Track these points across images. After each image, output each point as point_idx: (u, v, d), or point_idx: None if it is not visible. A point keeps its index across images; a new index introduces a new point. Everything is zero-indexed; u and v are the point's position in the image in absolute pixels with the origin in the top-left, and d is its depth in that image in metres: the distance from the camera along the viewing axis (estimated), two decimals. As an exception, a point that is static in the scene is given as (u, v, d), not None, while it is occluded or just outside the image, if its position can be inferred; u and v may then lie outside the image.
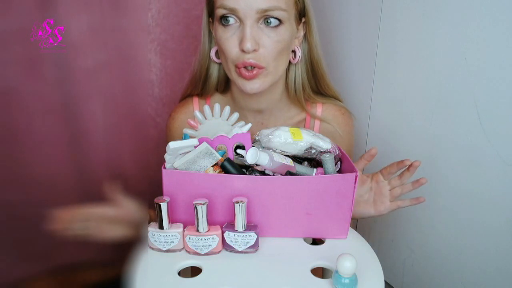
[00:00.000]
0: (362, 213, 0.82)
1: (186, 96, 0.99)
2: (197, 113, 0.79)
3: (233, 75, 0.84)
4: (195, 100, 0.96)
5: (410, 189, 0.80)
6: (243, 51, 0.79)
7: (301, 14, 0.86)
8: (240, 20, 0.79)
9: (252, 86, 0.82)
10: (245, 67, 0.81)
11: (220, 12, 0.80)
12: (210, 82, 0.94)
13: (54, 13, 0.64)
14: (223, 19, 0.80)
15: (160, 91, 1.35)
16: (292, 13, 0.83)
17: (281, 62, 0.85)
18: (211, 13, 0.87)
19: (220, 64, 0.92)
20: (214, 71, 0.93)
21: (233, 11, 0.78)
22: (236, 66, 0.81)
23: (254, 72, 0.81)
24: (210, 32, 0.90)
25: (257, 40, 0.79)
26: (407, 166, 0.80)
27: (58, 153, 0.78)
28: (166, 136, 1.00)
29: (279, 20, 0.80)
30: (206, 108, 0.78)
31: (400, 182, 0.81)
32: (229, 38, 0.81)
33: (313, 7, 0.88)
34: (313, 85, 0.94)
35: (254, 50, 0.79)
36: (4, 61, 0.64)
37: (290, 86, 0.92)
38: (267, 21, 0.79)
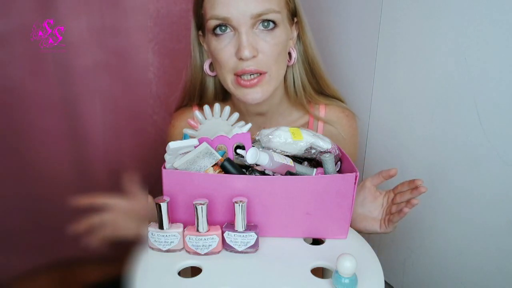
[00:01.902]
0: (368, 229, 0.81)
1: (183, 106, 0.98)
2: (197, 113, 0.78)
3: (230, 86, 0.82)
4: (195, 107, 0.95)
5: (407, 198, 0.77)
6: (241, 59, 0.77)
7: (293, 15, 0.85)
8: (234, 28, 0.77)
9: (254, 96, 0.81)
10: (244, 76, 0.79)
11: (212, 23, 0.78)
12: (207, 94, 0.93)
13: (54, 13, 0.64)
14: (216, 29, 0.78)
15: (158, 89, 1.36)
16: (284, 14, 0.81)
17: (282, 65, 0.83)
18: (200, 26, 0.85)
19: (214, 76, 0.91)
20: (210, 84, 0.92)
21: (226, 20, 0.77)
22: (236, 75, 0.80)
23: (255, 80, 0.79)
24: (200, 46, 0.89)
25: (255, 46, 0.78)
26: (412, 189, 0.76)
27: (58, 150, 0.78)
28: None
29: (274, 22, 0.78)
30: (206, 108, 0.78)
31: (400, 200, 0.77)
32: (224, 48, 0.79)
33: (313, 7, 0.88)
34: (314, 84, 0.92)
35: (253, 57, 0.78)
36: (4, 61, 0.64)
37: (290, 89, 0.90)
38: (263, 25, 0.78)
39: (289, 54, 0.88)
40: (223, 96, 0.94)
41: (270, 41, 0.79)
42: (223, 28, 0.78)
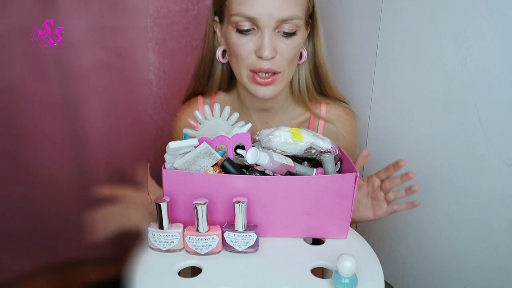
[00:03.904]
0: (362, 217, 0.82)
1: (190, 93, 0.99)
2: (197, 113, 0.78)
3: (245, 80, 0.84)
4: (200, 99, 0.97)
5: (403, 195, 0.78)
6: (260, 57, 0.79)
7: (309, 17, 0.87)
8: (258, 27, 0.79)
9: (266, 92, 0.83)
10: (260, 74, 0.81)
11: (236, 19, 0.79)
12: (213, 80, 0.94)
13: (54, 13, 0.64)
14: (239, 26, 0.80)
15: (158, 89, 1.36)
16: (303, 18, 0.83)
17: (293, 66, 0.86)
18: (219, 13, 0.86)
19: (223, 63, 0.92)
20: (218, 70, 0.93)
21: (252, 20, 0.78)
22: (252, 72, 0.82)
23: (270, 79, 0.82)
24: (215, 31, 0.90)
25: (275, 47, 0.80)
26: (401, 176, 0.77)
27: (58, 150, 0.78)
28: (172, 137, 1.00)
29: (296, 27, 0.80)
30: (206, 108, 0.78)
31: (390, 186, 0.78)
32: (244, 44, 0.81)
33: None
34: (316, 86, 0.94)
35: (272, 57, 0.80)
36: (4, 61, 0.64)
37: (295, 87, 0.92)
38: (285, 29, 0.80)
39: (301, 53, 0.89)
40: (228, 85, 0.96)
41: (290, 44, 0.81)
42: (247, 25, 0.79)
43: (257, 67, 0.81)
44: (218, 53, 0.90)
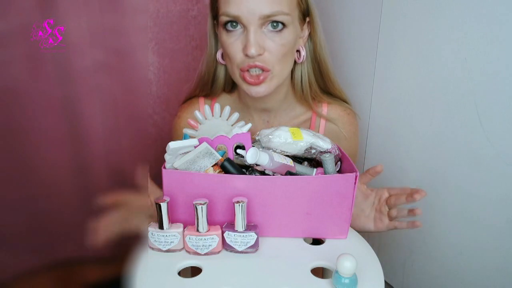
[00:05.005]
0: (362, 227, 0.81)
1: (192, 97, 0.99)
2: (197, 113, 0.78)
3: (238, 79, 0.84)
4: (201, 100, 0.97)
5: (405, 215, 0.78)
6: (247, 55, 0.80)
7: (305, 14, 0.87)
8: (244, 26, 0.79)
9: (258, 90, 0.83)
10: (250, 71, 0.81)
11: (223, 19, 0.80)
12: (217, 83, 0.95)
13: (54, 13, 0.64)
14: (227, 25, 0.81)
15: (158, 89, 1.36)
16: (295, 15, 0.83)
17: (286, 65, 0.85)
18: (215, 16, 0.87)
19: (226, 66, 0.92)
20: (221, 72, 0.94)
21: (236, 18, 0.79)
22: (241, 70, 0.82)
23: (261, 78, 0.81)
24: (215, 34, 0.90)
25: (262, 45, 0.80)
26: (406, 195, 0.76)
27: (58, 150, 0.78)
28: (172, 136, 1.00)
29: (282, 24, 0.80)
30: (206, 108, 0.78)
31: (395, 203, 0.78)
32: (233, 43, 0.81)
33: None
34: (321, 83, 0.94)
35: (259, 55, 0.80)
36: (4, 61, 0.64)
37: (297, 85, 0.92)
38: (272, 26, 0.79)
39: (299, 52, 0.89)
40: (232, 86, 0.96)
41: (278, 41, 0.81)
42: (234, 24, 0.80)
43: (245, 65, 0.81)
44: (218, 55, 0.91)
